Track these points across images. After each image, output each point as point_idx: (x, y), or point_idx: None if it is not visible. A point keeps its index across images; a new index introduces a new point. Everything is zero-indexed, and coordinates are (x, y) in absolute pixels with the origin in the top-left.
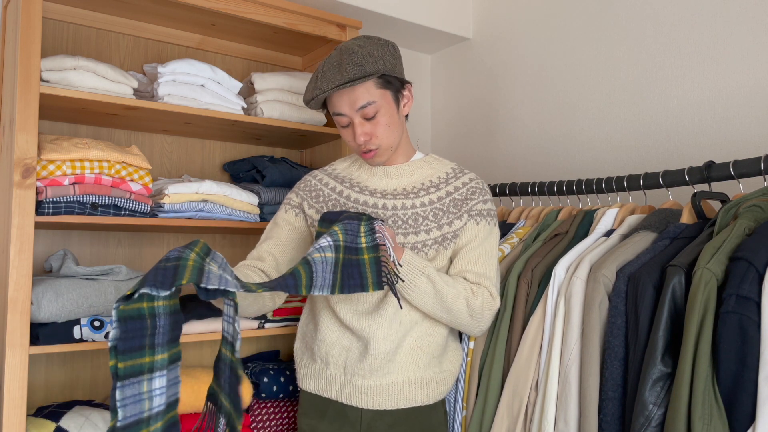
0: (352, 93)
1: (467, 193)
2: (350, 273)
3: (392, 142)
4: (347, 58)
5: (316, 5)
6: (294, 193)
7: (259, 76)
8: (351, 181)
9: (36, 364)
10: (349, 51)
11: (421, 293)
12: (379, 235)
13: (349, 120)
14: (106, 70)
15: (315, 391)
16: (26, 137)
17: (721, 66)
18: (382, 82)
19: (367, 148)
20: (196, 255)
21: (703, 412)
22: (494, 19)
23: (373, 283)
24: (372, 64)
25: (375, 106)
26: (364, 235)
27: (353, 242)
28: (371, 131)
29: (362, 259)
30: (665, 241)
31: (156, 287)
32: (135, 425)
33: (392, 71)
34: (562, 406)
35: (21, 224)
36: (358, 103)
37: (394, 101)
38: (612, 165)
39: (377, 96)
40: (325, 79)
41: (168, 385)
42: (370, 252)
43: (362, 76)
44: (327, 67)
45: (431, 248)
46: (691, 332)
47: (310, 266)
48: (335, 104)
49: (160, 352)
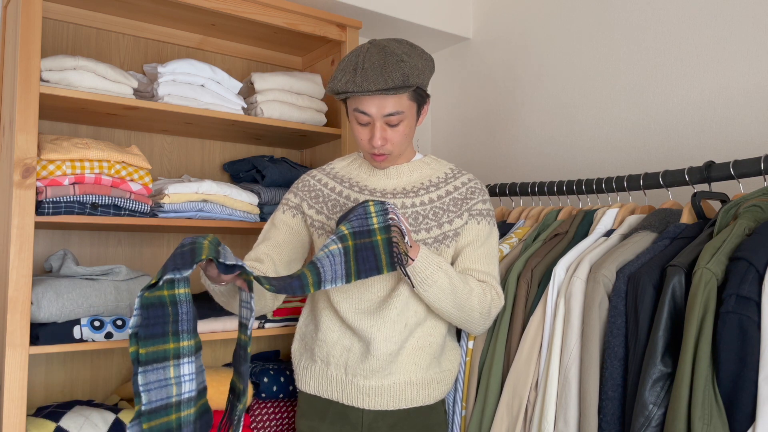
0: (385, 99)
1: (467, 192)
2: (365, 257)
3: (403, 150)
4: (394, 64)
5: (316, 5)
6: (292, 194)
7: (259, 76)
8: (350, 181)
9: (36, 364)
10: (396, 57)
11: (438, 289)
12: (392, 216)
13: (370, 120)
14: (106, 70)
15: (315, 392)
16: (26, 137)
17: (721, 66)
18: (415, 95)
19: (380, 152)
20: (208, 241)
21: (703, 412)
22: (494, 19)
23: (387, 264)
24: (415, 78)
25: (401, 116)
26: (376, 215)
27: (364, 225)
28: (390, 137)
29: (375, 240)
30: (665, 241)
31: (178, 269)
32: (162, 410)
33: (425, 85)
34: (561, 406)
35: (21, 224)
36: (387, 110)
37: (416, 113)
38: (612, 165)
39: (406, 107)
40: (366, 78)
41: (197, 372)
42: (382, 233)
43: (405, 87)
44: (368, 64)
45: (432, 246)
46: (691, 332)
47: (315, 265)
48: (363, 103)
49: (186, 338)
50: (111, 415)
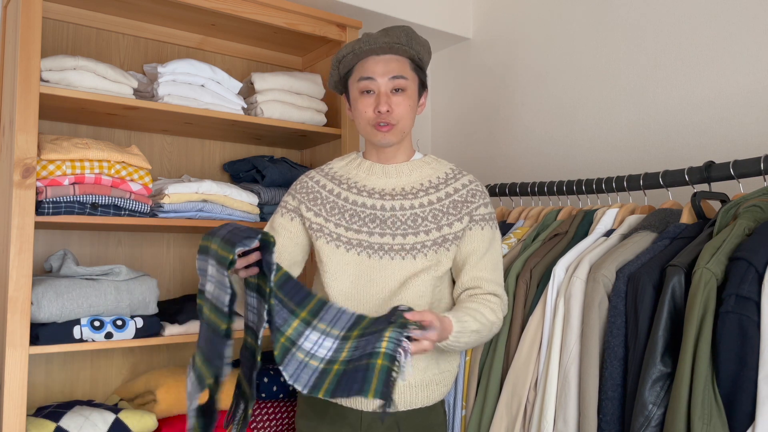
0: (390, 61)
1: (467, 195)
2: (352, 377)
3: (406, 128)
4: (396, 29)
5: (316, 5)
6: (290, 196)
7: (259, 76)
8: (348, 182)
9: (36, 364)
10: (396, 26)
11: (466, 345)
12: (402, 354)
13: (376, 87)
14: (106, 70)
15: None
16: (26, 137)
17: (721, 66)
18: (417, 68)
19: (385, 120)
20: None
21: (702, 412)
22: (494, 19)
23: (375, 391)
24: (417, 44)
25: (406, 82)
26: (388, 341)
27: (369, 346)
28: (394, 107)
29: (373, 363)
30: (665, 241)
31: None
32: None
33: (425, 64)
34: (561, 405)
35: (21, 224)
36: (393, 72)
37: (417, 92)
38: (612, 165)
39: (410, 76)
40: (370, 40)
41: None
42: (386, 359)
43: (408, 45)
44: (371, 34)
45: (431, 249)
46: (690, 332)
47: (288, 352)
48: (368, 68)
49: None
50: (111, 415)
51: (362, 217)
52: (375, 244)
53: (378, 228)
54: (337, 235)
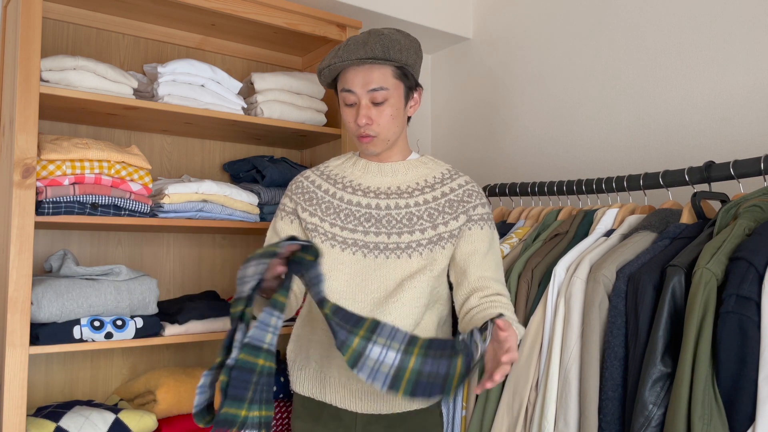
0: (369, 73)
1: (463, 194)
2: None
3: (390, 136)
4: (375, 38)
5: (316, 5)
6: (287, 198)
7: (259, 76)
8: (344, 181)
9: (36, 364)
10: (377, 33)
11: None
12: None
13: (356, 99)
14: (106, 70)
15: (309, 394)
16: (26, 137)
17: (721, 66)
18: (400, 73)
19: (365, 133)
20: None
21: (702, 412)
22: (494, 19)
23: (456, 387)
24: (397, 52)
25: (386, 93)
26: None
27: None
28: (374, 117)
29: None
30: (665, 241)
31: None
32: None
33: (412, 67)
34: (562, 406)
35: (21, 224)
36: (371, 85)
37: (404, 97)
38: (612, 165)
39: (391, 85)
40: (347, 51)
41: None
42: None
43: (385, 58)
44: (352, 41)
45: (426, 248)
46: (690, 332)
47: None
48: (348, 79)
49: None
50: (111, 415)
51: (357, 216)
52: (370, 243)
53: (373, 227)
54: (332, 234)
